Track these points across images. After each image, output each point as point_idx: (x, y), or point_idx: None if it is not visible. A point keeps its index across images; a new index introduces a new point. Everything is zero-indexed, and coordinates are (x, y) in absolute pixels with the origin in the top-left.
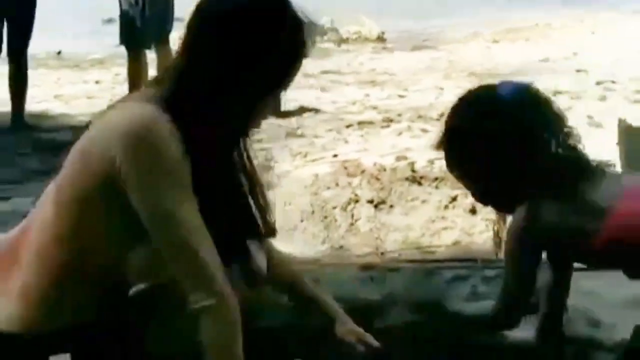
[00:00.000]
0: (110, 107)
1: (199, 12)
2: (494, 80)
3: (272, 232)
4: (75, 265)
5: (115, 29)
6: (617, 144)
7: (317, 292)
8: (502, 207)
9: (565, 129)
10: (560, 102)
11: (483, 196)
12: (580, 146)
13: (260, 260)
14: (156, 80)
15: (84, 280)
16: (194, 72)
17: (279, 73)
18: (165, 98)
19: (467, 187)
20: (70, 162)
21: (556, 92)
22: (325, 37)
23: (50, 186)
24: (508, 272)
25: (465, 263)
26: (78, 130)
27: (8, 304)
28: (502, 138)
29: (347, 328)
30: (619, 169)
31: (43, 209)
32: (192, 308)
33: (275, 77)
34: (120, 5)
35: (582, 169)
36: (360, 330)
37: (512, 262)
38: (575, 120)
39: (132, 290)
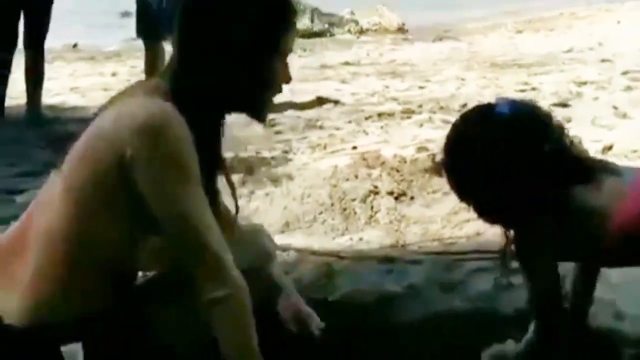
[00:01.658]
0: (117, 98)
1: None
2: (517, 70)
3: (237, 208)
4: (83, 255)
5: (131, 22)
6: None
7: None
8: (508, 224)
9: (567, 139)
10: (585, 93)
11: (489, 214)
12: (583, 153)
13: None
14: (161, 73)
15: (92, 270)
16: (193, 59)
17: (272, 39)
18: (171, 89)
19: (471, 205)
20: (77, 153)
21: (581, 83)
22: (345, 29)
23: (54, 176)
24: (534, 290)
25: (487, 255)
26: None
27: (17, 297)
28: (505, 155)
29: (289, 303)
30: None
31: (49, 200)
32: (207, 299)
33: (269, 43)
34: None
35: (586, 177)
36: (304, 308)
37: (534, 278)
38: (600, 110)
39: (141, 279)
